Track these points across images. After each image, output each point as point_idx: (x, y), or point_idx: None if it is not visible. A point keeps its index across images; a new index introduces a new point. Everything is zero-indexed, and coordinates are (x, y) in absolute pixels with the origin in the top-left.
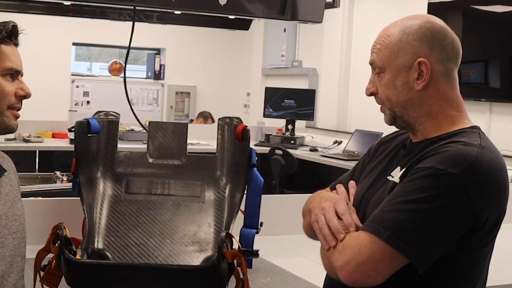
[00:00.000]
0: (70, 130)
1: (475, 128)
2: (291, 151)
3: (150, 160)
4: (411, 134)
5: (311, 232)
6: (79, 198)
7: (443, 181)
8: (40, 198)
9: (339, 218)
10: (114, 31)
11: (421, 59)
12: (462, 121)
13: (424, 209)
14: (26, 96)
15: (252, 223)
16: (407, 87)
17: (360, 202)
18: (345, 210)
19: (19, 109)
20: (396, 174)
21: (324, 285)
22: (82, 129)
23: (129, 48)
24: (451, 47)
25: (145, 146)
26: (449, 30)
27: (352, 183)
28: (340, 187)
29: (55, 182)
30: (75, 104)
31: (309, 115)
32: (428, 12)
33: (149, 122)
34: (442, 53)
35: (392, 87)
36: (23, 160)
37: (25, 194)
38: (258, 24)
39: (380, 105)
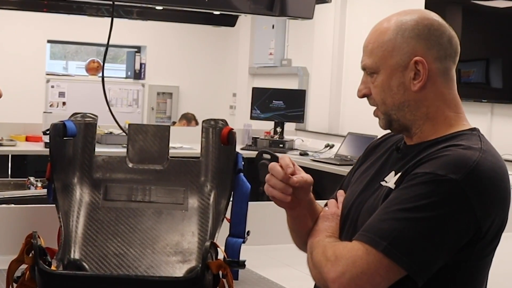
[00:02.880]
0: (45, 133)
1: (474, 130)
2: (280, 155)
3: (130, 165)
4: (406, 137)
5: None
6: (54, 205)
7: (443, 187)
8: (12, 205)
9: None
10: (91, 28)
11: (417, 58)
12: (461, 122)
13: (423, 218)
14: None
15: (239, 232)
16: (403, 87)
17: (350, 208)
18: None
19: None
20: (390, 179)
21: None
22: (58, 132)
23: (107, 46)
24: (449, 44)
25: (125, 150)
26: (447, 26)
27: (340, 192)
28: (330, 202)
29: (29, 188)
30: (50, 106)
31: (299, 117)
32: (426, 7)
33: (129, 125)
34: (440, 51)
35: (387, 88)
36: None
37: None
38: (244, 21)
39: (374, 109)
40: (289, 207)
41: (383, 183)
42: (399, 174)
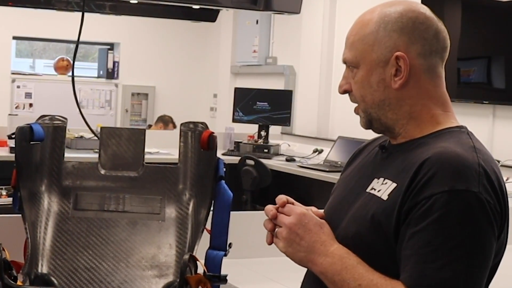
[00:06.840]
0: (10, 137)
1: (462, 128)
2: (264, 161)
3: (102, 172)
4: (390, 138)
5: None
6: (20, 215)
7: (474, 206)
8: None
9: None
10: (60, 23)
11: (398, 53)
12: (449, 120)
13: (477, 251)
14: None
15: (220, 244)
16: (383, 85)
17: (333, 214)
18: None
19: None
20: (379, 188)
21: None
22: (24, 136)
23: (78, 42)
24: (436, 40)
25: (97, 155)
26: (435, 20)
27: None
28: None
29: None
30: (16, 107)
31: (285, 120)
32: (423, 3)
33: (101, 128)
34: (424, 46)
35: (366, 85)
36: None
37: None
38: (226, 15)
39: (354, 106)
40: None
41: (372, 191)
42: (391, 183)
